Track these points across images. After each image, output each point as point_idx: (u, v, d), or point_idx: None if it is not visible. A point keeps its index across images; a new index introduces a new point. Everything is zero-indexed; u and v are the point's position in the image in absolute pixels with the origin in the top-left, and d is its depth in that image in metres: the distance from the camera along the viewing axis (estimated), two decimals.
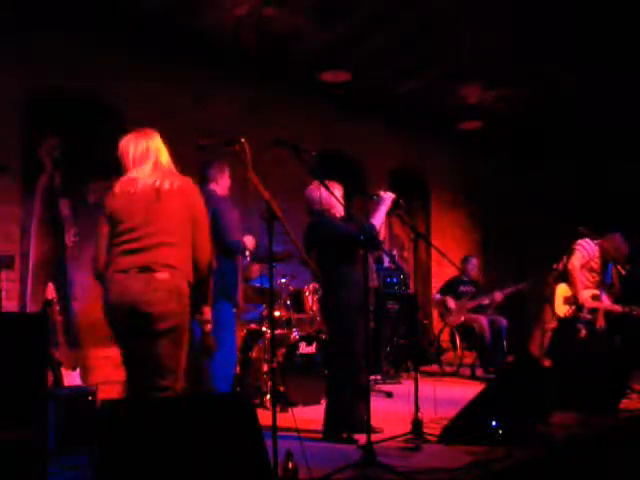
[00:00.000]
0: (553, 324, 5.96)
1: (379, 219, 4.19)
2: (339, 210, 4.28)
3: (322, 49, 6.39)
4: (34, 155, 5.34)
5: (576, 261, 5.93)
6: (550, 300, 6.02)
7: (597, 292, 5.97)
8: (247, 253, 4.98)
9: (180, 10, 5.53)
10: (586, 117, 8.17)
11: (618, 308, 5.90)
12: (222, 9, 5.52)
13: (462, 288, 7.43)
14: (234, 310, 5.45)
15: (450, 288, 7.47)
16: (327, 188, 3.89)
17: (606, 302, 5.98)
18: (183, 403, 2.71)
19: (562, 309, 5.93)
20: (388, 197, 4.23)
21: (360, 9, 5.57)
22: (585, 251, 5.97)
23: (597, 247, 6.00)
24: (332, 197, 4.09)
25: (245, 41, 6.14)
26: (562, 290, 6.00)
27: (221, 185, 4.55)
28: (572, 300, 5.89)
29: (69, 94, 5.57)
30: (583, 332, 5.83)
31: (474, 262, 7.72)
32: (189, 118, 6.25)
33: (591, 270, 6.00)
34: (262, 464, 2.55)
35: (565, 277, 5.99)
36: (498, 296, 7.19)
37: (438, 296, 7.51)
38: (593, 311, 5.87)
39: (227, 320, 4.34)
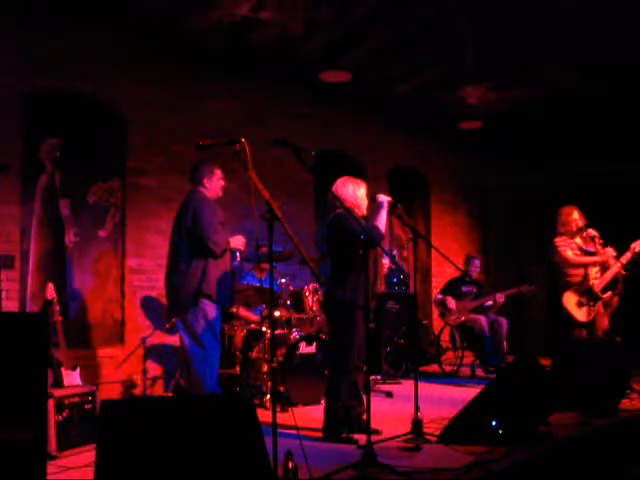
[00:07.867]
0: (584, 332, 5.78)
1: (382, 222, 4.21)
2: (362, 210, 4.31)
3: (322, 49, 6.38)
4: (34, 155, 5.34)
5: (568, 252, 5.78)
6: (570, 321, 5.79)
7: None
8: (237, 254, 4.95)
9: (180, 10, 5.53)
10: (586, 117, 8.17)
11: (616, 267, 5.62)
12: (222, 9, 5.52)
13: (464, 288, 7.41)
14: (233, 310, 5.49)
15: (452, 288, 7.45)
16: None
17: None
18: (183, 403, 2.72)
19: (581, 314, 5.72)
20: (385, 200, 4.25)
21: (360, 9, 5.57)
22: (565, 244, 5.84)
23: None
24: (356, 196, 4.21)
25: (245, 41, 6.14)
26: (570, 299, 5.74)
27: (210, 187, 4.52)
28: (586, 298, 5.69)
29: (69, 94, 5.57)
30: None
31: (476, 263, 7.70)
32: (189, 118, 6.25)
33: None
34: (262, 464, 2.55)
35: (565, 286, 5.83)
36: (500, 297, 7.16)
37: (439, 296, 7.49)
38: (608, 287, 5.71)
39: (209, 320, 4.34)
